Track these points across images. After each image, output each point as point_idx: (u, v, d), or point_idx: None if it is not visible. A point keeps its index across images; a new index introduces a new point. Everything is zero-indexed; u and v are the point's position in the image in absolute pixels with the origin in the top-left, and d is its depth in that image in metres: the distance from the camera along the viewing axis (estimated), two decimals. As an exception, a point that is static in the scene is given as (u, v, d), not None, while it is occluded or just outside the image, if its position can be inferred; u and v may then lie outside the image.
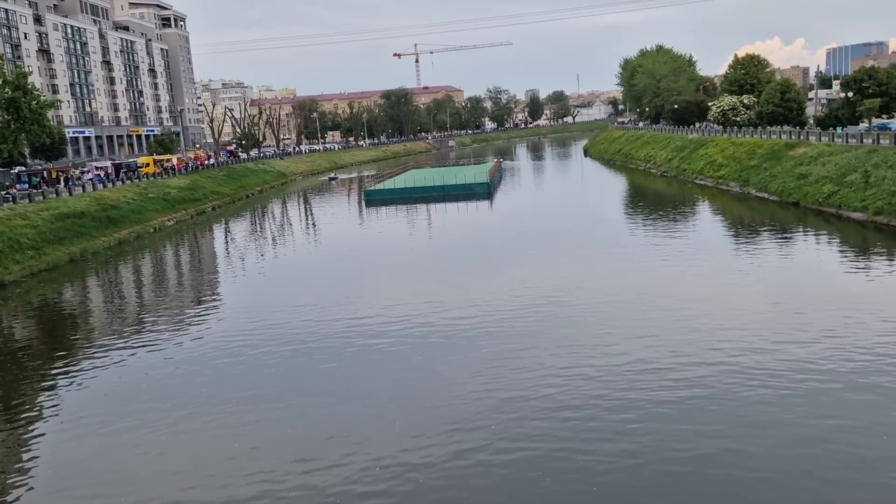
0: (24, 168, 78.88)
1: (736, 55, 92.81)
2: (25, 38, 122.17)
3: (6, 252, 42.08)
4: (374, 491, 15.14)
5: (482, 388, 20.01)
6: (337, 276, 38.33)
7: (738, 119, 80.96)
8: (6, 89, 55.93)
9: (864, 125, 66.11)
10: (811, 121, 76.95)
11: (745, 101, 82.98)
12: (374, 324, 27.13)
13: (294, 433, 18.30)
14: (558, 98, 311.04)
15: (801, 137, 59.54)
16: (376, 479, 15.55)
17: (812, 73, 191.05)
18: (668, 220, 48.89)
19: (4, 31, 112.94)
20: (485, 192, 71.48)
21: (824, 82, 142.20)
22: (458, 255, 42.51)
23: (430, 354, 23.39)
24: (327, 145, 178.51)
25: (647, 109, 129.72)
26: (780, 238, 39.61)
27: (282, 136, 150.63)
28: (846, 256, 35.02)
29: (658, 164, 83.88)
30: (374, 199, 72.37)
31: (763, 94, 78.85)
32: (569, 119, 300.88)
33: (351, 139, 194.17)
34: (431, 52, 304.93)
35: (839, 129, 62.95)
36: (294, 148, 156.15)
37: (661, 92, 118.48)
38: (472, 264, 38.92)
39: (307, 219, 68.63)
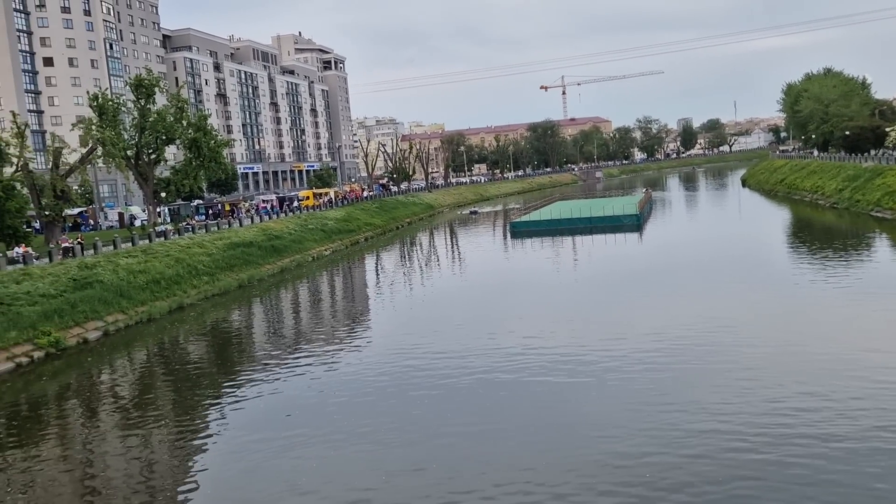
0: (201, 201, 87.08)
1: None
2: (206, 84, 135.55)
3: (186, 277, 46.35)
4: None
5: (628, 430, 19.20)
6: (483, 307, 38.53)
7: (924, 145, 73.57)
8: (189, 130, 62.34)
9: None
10: None
11: (932, 125, 75.28)
12: (519, 359, 26.83)
13: (437, 469, 18.23)
14: (713, 126, 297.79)
15: None
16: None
17: None
18: (840, 256, 44.86)
19: (189, 79, 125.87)
20: (634, 223, 69.45)
21: None
22: (606, 287, 41.42)
23: (576, 391, 22.79)
24: (474, 178, 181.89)
25: (813, 137, 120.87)
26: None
27: (430, 170, 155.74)
28: None
29: (827, 194, 77.57)
30: (520, 231, 72.56)
31: (954, 118, 71.17)
32: (725, 148, 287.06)
33: (497, 172, 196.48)
34: (578, 84, 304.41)
35: None
36: (442, 181, 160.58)
37: (830, 118, 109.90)
38: (620, 297, 37.73)
39: (454, 249, 69.90)
